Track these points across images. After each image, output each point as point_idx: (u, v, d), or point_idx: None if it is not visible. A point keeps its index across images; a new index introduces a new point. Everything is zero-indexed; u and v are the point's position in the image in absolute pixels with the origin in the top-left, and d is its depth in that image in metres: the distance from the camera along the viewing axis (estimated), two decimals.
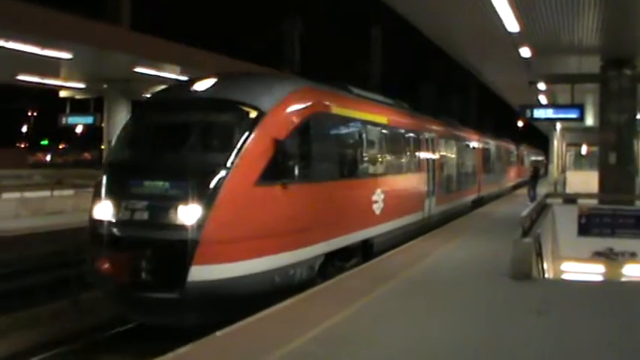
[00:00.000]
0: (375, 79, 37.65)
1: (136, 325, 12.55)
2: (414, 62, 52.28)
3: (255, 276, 10.99)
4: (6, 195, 26.04)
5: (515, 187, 49.41)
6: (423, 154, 21.50)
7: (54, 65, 23.05)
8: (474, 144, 32.30)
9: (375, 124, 17.14)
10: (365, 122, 16.19)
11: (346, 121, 15.14)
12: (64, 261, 15.09)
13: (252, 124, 11.41)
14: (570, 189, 37.32)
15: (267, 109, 11.74)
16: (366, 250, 15.81)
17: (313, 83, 14.56)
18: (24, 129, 68.59)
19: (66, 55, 20.46)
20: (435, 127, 23.82)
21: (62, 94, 32.42)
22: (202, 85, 12.46)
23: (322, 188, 13.16)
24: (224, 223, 10.65)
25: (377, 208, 16.31)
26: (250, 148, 11.15)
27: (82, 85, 29.75)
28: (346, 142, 15.49)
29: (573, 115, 24.10)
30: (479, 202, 32.38)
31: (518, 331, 9.40)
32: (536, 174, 36.48)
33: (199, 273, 10.34)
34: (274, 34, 31.72)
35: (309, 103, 13.16)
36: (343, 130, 15.25)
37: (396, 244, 17.34)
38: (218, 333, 9.04)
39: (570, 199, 26.42)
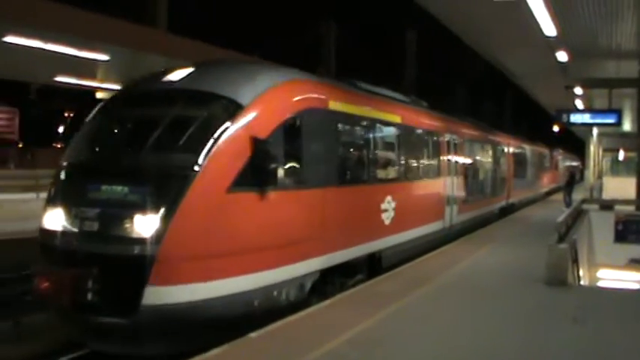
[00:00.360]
0: (409, 82, 37.53)
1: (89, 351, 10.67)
2: (449, 66, 51.97)
3: (227, 298, 9.33)
4: (43, 194, 26.33)
5: (549, 193, 47.78)
6: (444, 158, 19.69)
7: (91, 67, 23.31)
8: (502, 148, 30.03)
9: (386, 124, 15.42)
10: (373, 121, 14.44)
11: (349, 119, 13.30)
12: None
13: (227, 120, 9.78)
14: (607, 195, 36.89)
15: (247, 103, 10.12)
16: (373, 265, 14.31)
17: (308, 75, 13.00)
18: (61, 129, 69.52)
19: (103, 57, 20.68)
20: (458, 129, 21.84)
21: (99, 95, 32.79)
22: (176, 75, 10.85)
23: (316, 195, 11.44)
24: (187, 235, 8.98)
25: (387, 217, 14.65)
26: (223, 148, 9.54)
27: (118, 87, 30.07)
28: (348, 144, 13.78)
29: (610, 120, 23.87)
30: (508, 210, 30.49)
31: (553, 339, 9.30)
32: (572, 179, 36.08)
33: (157, 295, 8.76)
34: (310, 37, 31.79)
35: (300, 97, 11.43)
36: (345, 130, 13.40)
37: (412, 257, 16.04)
38: (252, 334, 9.08)
39: (607, 205, 26.17)
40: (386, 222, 14.60)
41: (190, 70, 10.99)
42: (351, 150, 13.89)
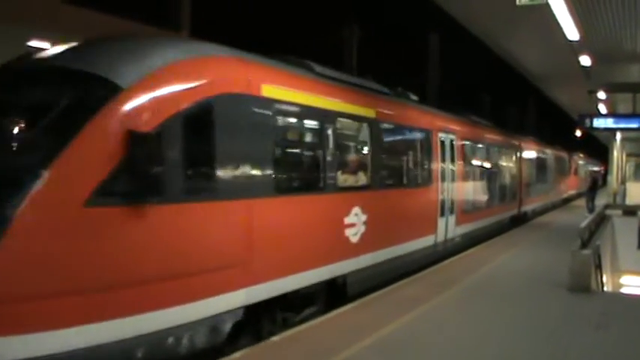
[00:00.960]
0: (432, 87, 37.51)
1: None
2: (472, 71, 51.85)
3: (86, 352, 6.72)
4: None
5: (567, 200, 45.99)
6: (437, 161, 16.78)
7: None
8: (513, 150, 27.37)
9: (354, 118, 12.55)
10: (333, 114, 11.43)
11: (295, 110, 10.49)
12: None
13: (95, 106, 7.16)
14: (630, 200, 36.60)
15: (128, 84, 7.45)
16: (336, 293, 11.68)
17: (233, 51, 9.64)
18: None
19: None
20: (455, 128, 18.79)
21: None
22: (52, 52, 8.29)
23: (237, 209, 8.71)
24: (21, 267, 6.34)
25: (354, 233, 11.88)
26: (84, 145, 6.94)
27: None
28: (293, 142, 11.20)
29: (634, 125, 23.76)
30: (520, 219, 28.02)
31: (577, 345, 9.25)
32: (595, 185, 35.91)
33: None
34: (333, 40, 31.85)
35: (214, 79, 8.57)
36: (288, 124, 10.77)
37: (394, 279, 13.67)
38: (275, 338, 9.11)
39: (630, 211, 25.94)
40: (352, 239, 11.84)
41: (75, 44, 8.34)
42: (298, 150, 11.25)
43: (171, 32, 23.62)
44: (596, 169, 70.15)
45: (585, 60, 20.69)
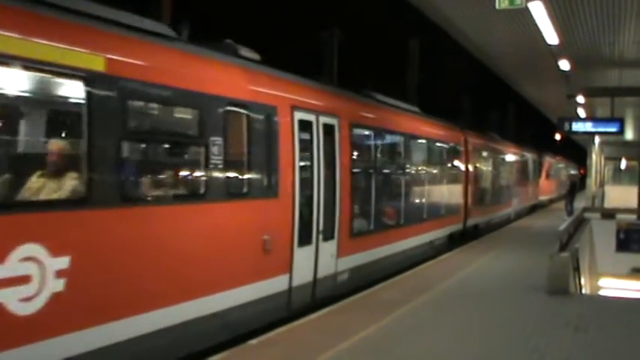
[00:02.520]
0: (412, 91, 37.56)
1: None
2: (452, 74, 52.05)
3: None
4: None
5: (534, 207, 40.66)
6: (288, 156, 10.88)
7: None
8: (455, 148, 22.02)
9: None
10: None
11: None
12: None
13: None
14: (609, 203, 36.89)
15: None
16: None
17: None
18: None
19: None
20: (337, 106, 13.11)
21: None
22: None
23: None
24: None
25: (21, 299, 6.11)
26: None
27: None
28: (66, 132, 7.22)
29: (613, 129, 23.86)
30: (467, 235, 22.81)
31: (555, 348, 9.29)
32: (574, 188, 36.23)
33: None
34: (313, 43, 31.85)
35: None
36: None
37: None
38: (252, 341, 9.07)
39: (609, 214, 26.12)
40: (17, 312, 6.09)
41: None
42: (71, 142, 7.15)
43: None
44: (573, 172, 70.11)
45: (564, 64, 20.76)
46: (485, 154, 26.79)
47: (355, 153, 13.76)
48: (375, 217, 14.77)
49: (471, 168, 23.51)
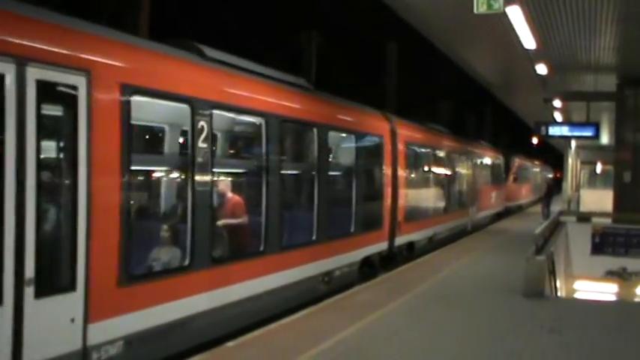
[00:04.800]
0: (391, 94, 37.67)
1: None
2: (431, 78, 52.30)
3: None
4: None
5: (500, 215, 35.53)
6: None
7: None
8: (367, 138, 16.05)
9: None
10: None
11: None
12: None
13: None
14: (584, 207, 37.18)
15: None
16: None
17: None
18: None
19: None
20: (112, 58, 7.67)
21: None
22: None
23: None
24: None
25: None
26: None
27: None
28: None
29: (588, 133, 24.10)
30: (395, 256, 17.20)
31: (530, 350, 9.35)
32: (550, 192, 36.72)
33: None
34: (292, 46, 31.83)
35: None
36: None
37: None
38: (230, 343, 9.05)
39: (584, 218, 26.33)
40: None
41: None
42: None
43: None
44: (550, 175, 70.11)
45: (541, 68, 20.93)
46: (426, 151, 21.55)
47: (136, 139, 8.98)
48: (179, 241, 9.08)
49: (402, 168, 17.62)
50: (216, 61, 10.17)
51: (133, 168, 8.04)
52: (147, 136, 10.98)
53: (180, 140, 10.69)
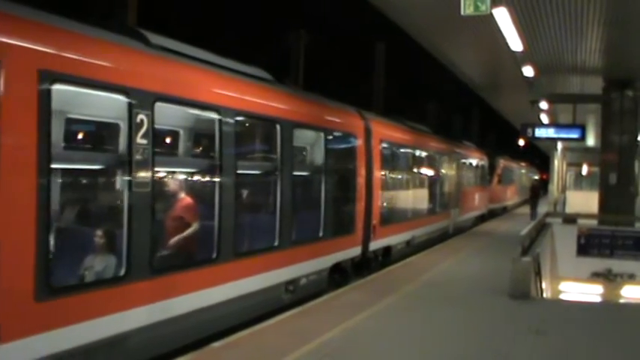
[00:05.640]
0: (378, 95, 37.76)
1: None
2: (418, 79, 52.41)
3: None
4: None
5: (483, 217, 34.77)
6: None
7: None
8: (338, 136, 14.77)
9: None
10: None
11: None
12: None
13: None
14: (570, 209, 37.37)
15: None
16: None
17: None
18: None
19: None
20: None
21: None
22: None
23: None
24: None
25: None
26: None
27: None
28: None
29: (574, 135, 24.23)
30: (369, 262, 16.22)
31: (516, 351, 9.39)
32: (537, 193, 36.96)
33: None
34: (280, 47, 31.84)
35: None
36: None
37: None
38: (216, 344, 9.04)
39: (570, 219, 26.45)
40: None
41: None
42: None
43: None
44: (536, 177, 70.37)
45: (528, 71, 21.02)
46: (405, 150, 20.65)
47: (59, 133, 8.35)
48: (113, 248, 8.22)
49: (377, 169, 16.74)
50: (163, 49, 9.18)
51: (54, 166, 7.23)
52: (73, 130, 9.48)
53: (116, 135, 9.12)
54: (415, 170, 21.86)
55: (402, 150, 20.20)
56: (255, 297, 10.67)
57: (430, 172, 23.42)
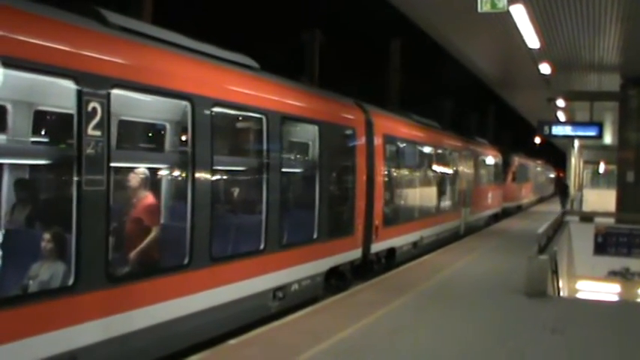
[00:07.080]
0: (393, 92, 37.64)
1: None
2: (434, 77, 52.25)
3: None
4: None
5: (497, 216, 33.62)
6: None
7: None
8: (334, 130, 13.40)
9: None
10: None
11: None
12: None
13: None
14: (587, 207, 37.16)
15: None
16: None
17: None
18: None
19: None
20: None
21: None
22: None
23: None
24: None
25: None
26: None
27: None
28: None
29: (592, 133, 24.05)
30: (371, 265, 15.32)
31: (532, 349, 9.34)
32: (565, 190, 37.45)
33: None
34: (294, 45, 31.85)
35: None
36: None
37: None
38: (232, 341, 9.05)
39: (587, 218, 26.28)
40: None
41: None
42: None
43: None
44: (551, 174, 70.55)
45: (545, 68, 20.92)
46: (411, 146, 19.43)
47: None
48: (58, 254, 7.20)
49: (380, 165, 15.58)
50: (123, 29, 8.19)
51: None
52: (9, 119, 8.25)
53: (62, 126, 8.03)
54: (422, 167, 20.78)
55: (407, 146, 18.91)
56: (236, 306, 9.65)
57: (438, 170, 22.36)
